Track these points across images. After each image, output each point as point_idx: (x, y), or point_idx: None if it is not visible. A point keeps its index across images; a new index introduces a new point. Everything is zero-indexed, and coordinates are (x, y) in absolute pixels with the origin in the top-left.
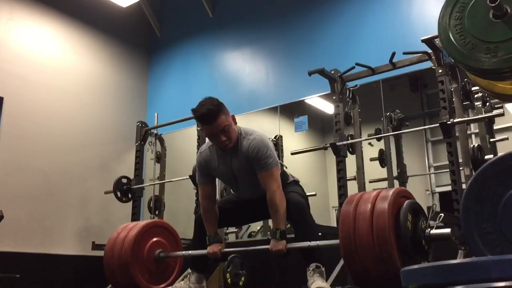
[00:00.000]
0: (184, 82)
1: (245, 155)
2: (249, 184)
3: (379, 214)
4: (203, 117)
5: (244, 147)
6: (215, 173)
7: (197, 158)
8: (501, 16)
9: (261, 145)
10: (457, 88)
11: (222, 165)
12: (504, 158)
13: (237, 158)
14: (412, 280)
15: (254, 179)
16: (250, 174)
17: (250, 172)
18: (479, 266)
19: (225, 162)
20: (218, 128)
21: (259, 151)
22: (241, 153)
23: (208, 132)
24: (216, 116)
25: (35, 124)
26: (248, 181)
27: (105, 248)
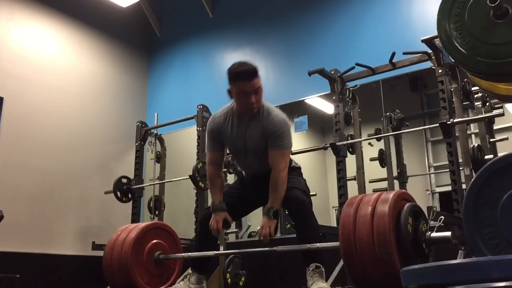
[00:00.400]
0: (184, 82)
1: (265, 128)
2: (258, 157)
3: (380, 217)
4: (245, 73)
5: (266, 120)
6: (226, 140)
7: (209, 125)
8: (502, 16)
9: (283, 124)
10: (457, 88)
11: (236, 133)
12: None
13: (254, 128)
14: (412, 280)
15: (264, 153)
16: (262, 147)
17: (262, 145)
18: (479, 266)
19: (240, 131)
20: (253, 87)
21: (279, 129)
22: (261, 125)
23: (241, 89)
24: (256, 75)
25: (35, 124)
26: (258, 153)
27: (104, 249)
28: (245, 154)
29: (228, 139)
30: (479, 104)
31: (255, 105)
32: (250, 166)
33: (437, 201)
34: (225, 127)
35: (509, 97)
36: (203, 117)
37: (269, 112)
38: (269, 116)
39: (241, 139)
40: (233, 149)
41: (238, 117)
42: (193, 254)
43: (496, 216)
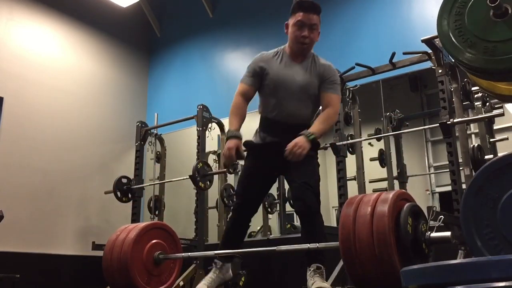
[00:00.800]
0: (184, 82)
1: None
2: (299, 100)
3: (379, 217)
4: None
5: (322, 65)
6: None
7: (254, 59)
8: (501, 15)
9: (336, 73)
10: (457, 88)
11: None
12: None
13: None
14: (412, 280)
15: (306, 97)
16: (310, 89)
17: (311, 87)
18: (479, 266)
19: (289, 68)
20: (311, 20)
21: (336, 77)
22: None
23: (297, 19)
24: (317, 11)
25: (35, 124)
26: (301, 95)
27: (104, 249)
28: (287, 93)
29: (274, 73)
30: (479, 104)
31: (307, 40)
32: (285, 108)
33: (437, 201)
34: (273, 61)
35: (509, 97)
36: (203, 117)
37: (322, 59)
38: (325, 62)
39: (289, 76)
40: (274, 85)
41: (289, 56)
42: (193, 254)
43: (496, 217)
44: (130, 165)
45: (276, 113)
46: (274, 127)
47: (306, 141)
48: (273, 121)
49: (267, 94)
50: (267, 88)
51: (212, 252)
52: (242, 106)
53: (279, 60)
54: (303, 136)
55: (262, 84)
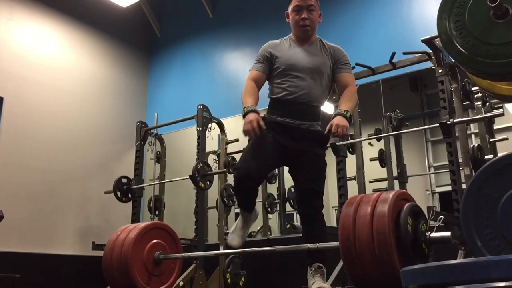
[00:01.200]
0: (184, 82)
1: (332, 52)
2: (311, 78)
3: (379, 217)
4: None
5: (331, 47)
6: (280, 58)
7: (263, 46)
8: (502, 16)
9: (346, 54)
10: (457, 88)
11: (293, 50)
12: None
13: (316, 51)
14: (412, 280)
15: (318, 77)
16: (319, 69)
17: (320, 67)
18: (479, 266)
19: (297, 51)
20: (308, 2)
21: (346, 57)
22: (325, 50)
23: (297, 3)
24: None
25: (35, 124)
26: (312, 75)
27: (104, 249)
28: (299, 73)
29: (284, 55)
30: (479, 104)
31: (307, 22)
32: (299, 88)
33: (437, 201)
34: (282, 46)
35: (509, 97)
36: (203, 117)
37: (329, 43)
38: (334, 45)
39: (300, 57)
40: (286, 67)
41: (296, 41)
42: (193, 254)
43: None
44: (130, 165)
45: (289, 93)
46: (287, 107)
47: (345, 119)
48: (286, 102)
49: (278, 77)
50: (279, 70)
51: (213, 252)
52: (254, 88)
53: (287, 45)
54: (340, 116)
55: (273, 68)
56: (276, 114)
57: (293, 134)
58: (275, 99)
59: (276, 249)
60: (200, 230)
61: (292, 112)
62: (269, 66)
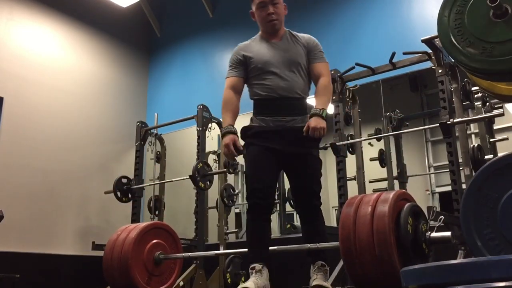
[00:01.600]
0: (184, 82)
1: (304, 42)
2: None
3: (380, 217)
4: None
5: (301, 38)
6: (252, 58)
7: (234, 51)
8: (501, 15)
9: (318, 42)
10: (457, 88)
11: (266, 48)
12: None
13: (287, 44)
14: (412, 280)
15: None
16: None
17: (296, 58)
18: (479, 266)
19: (270, 47)
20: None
21: (319, 45)
22: (296, 42)
23: (258, 1)
24: None
25: (35, 124)
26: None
27: (104, 249)
28: (277, 67)
29: (257, 53)
30: (479, 104)
31: (273, 16)
32: (279, 83)
33: (437, 201)
34: (253, 46)
35: (509, 97)
36: (203, 117)
37: (298, 33)
38: (304, 35)
39: (274, 52)
40: (262, 64)
41: (266, 38)
42: (193, 254)
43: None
44: (130, 165)
45: (271, 91)
46: (273, 105)
47: (321, 119)
48: (270, 100)
49: (256, 77)
50: (255, 70)
51: (213, 252)
52: (233, 100)
53: (258, 43)
54: (316, 117)
55: (249, 69)
56: (263, 114)
57: (284, 136)
58: (259, 100)
59: (276, 249)
60: (200, 230)
61: (280, 109)
62: (244, 68)
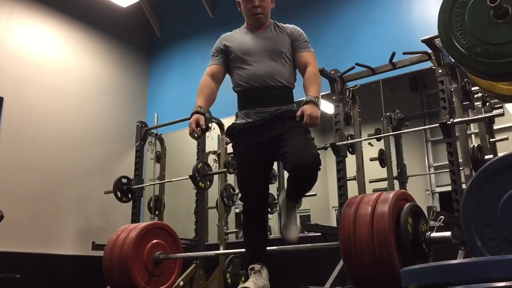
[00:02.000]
0: (184, 82)
1: (288, 31)
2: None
3: (380, 217)
4: None
5: (286, 28)
6: (233, 47)
7: (215, 42)
8: (502, 16)
9: (302, 31)
10: (457, 88)
11: (249, 38)
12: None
13: (270, 34)
14: (412, 280)
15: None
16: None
17: (278, 46)
18: (479, 266)
19: (252, 37)
20: None
21: (303, 34)
22: (280, 30)
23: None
24: None
25: (35, 124)
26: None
27: (104, 249)
28: (258, 56)
29: (239, 42)
30: (479, 104)
31: (259, 10)
32: (261, 71)
33: (437, 201)
34: (235, 36)
35: (509, 97)
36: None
37: (285, 25)
38: (288, 25)
39: (255, 41)
40: (242, 52)
41: (250, 30)
42: (193, 254)
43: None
44: (130, 165)
45: (253, 80)
46: (255, 95)
47: (317, 108)
48: (252, 90)
49: (237, 67)
50: (236, 59)
51: (213, 252)
52: (209, 85)
53: (240, 34)
54: (311, 104)
55: (230, 59)
56: (246, 107)
57: (268, 125)
58: (241, 91)
59: (276, 249)
60: (200, 230)
61: (263, 99)
62: (225, 58)
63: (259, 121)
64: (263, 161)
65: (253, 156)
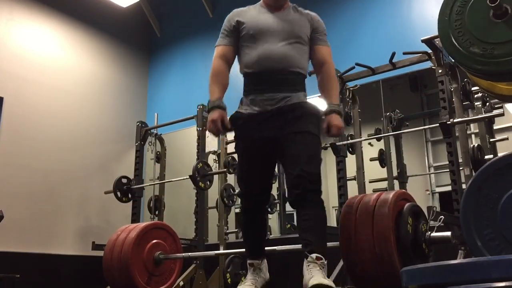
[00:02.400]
0: (184, 82)
1: (309, 18)
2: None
3: (380, 217)
4: None
5: (308, 13)
6: (245, 24)
7: (227, 17)
8: (501, 16)
9: (323, 23)
10: (457, 88)
11: (262, 17)
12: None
13: (288, 16)
14: (412, 280)
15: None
16: (294, 30)
17: (295, 28)
18: (479, 266)
19: (268, 16)
20: None
21: (324, 26)
22: (300, 14)
23: None
24: None
25: (35, 124)
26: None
27: (104, 249)
28: (272, 36)
29: (253, 20)
30: (479, 104)
31: None
32: (273, 53)
33: (437, 201)
34: (249, 12)
35: (509, 97)
36: (203, 117)
37: (304, 9)
38: (310, 11)
39: (271, 20)
40: (255, 31)
41: (266, 8)
42: (193, 254)
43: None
44: (130, 165)
45: (264, 62)
46: (265, 78)
47: (339, 116)
48: (261, 73)
49: (248, 45)
50: (247, 38)
51: (213, 252)
52: (223, 71)
53: (256, 11)
54: (335, 114)
55: (240, 37)
56: (252, 92)
57: (275, 118)
58: (248, 74)
59: (276, 249)
60: (200, 230)
61: (272, 83)
62: (237, 36)
63: (266, 114)
64: (267, 157)
65: (257, 151)
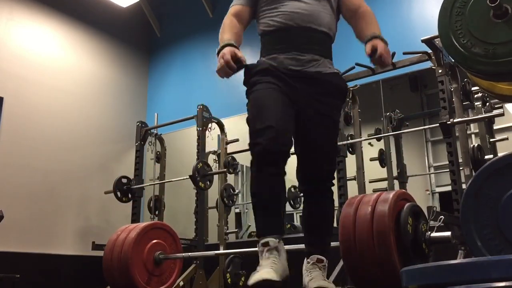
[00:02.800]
0: (184, 82)
1: None
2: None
3: (380, 217)
4: None
5: None
6: None
7: None
8: (502, 16)
9: None
10: (457, 88)
11: None
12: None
13: None
14: (412, 280)
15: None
16: None
17: None
18: (479, 266)
19: None
20: None
21: None
22: None
23: None
24: None
25: (35, 124)
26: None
27: (104, 249)
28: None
29: None
30: (479, 104)
31: None
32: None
33: (437, 201)
34: None
35: (509, 97)
36: (203, 117)
37: None
38: None
39: None
40: None
41: None
42: (193, 254)
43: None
44: (130, 165)
45: (290, 19)
46: (290, 38)
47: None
48: (286, 30)
49: (270, 3)
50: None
51: (213, 252)
52: (235, 24)
53: None
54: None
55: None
56: (274, 51)
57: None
58: (270, 32)
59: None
60: (200, 230)
61: (298, 41)
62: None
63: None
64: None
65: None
